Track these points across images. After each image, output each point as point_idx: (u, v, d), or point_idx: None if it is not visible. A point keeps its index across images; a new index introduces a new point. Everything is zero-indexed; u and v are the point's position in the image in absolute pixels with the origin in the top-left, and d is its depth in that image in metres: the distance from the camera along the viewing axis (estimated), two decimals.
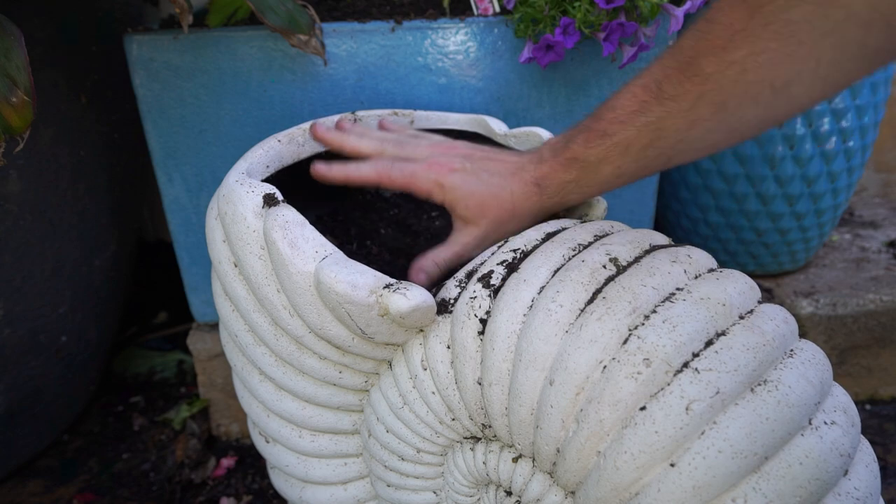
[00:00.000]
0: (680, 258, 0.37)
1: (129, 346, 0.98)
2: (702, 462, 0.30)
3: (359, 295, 0.36)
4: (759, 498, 0.30)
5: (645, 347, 0.32)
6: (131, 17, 0.87)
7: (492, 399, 0.37)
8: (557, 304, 0.35)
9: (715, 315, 0.33)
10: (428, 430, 0.43)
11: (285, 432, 0.49)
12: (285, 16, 0.56)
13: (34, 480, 0.74)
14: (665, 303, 0.34)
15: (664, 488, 0.30)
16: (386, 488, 0.49)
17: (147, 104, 0.65)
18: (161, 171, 0.68)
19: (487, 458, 0.41)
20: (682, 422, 0.30)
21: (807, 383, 0.32)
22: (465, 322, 0.38)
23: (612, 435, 0.32)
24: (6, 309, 0.63)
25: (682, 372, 0.31)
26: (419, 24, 0.63)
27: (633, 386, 0.31)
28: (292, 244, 0.38)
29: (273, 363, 0.45)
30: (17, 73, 0.44)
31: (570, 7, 0.58)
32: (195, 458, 0.76)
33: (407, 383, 0.42)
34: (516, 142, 0.58)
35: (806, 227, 0.86)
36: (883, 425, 0.84)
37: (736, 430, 0.30)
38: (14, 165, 0.61)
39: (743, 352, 0.32)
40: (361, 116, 0.56)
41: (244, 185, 0.42)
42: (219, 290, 0.47)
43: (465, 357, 0.38)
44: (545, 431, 0.34)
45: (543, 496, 0.38)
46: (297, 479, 0.52)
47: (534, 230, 0.42)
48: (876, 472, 0.34)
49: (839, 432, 0.32)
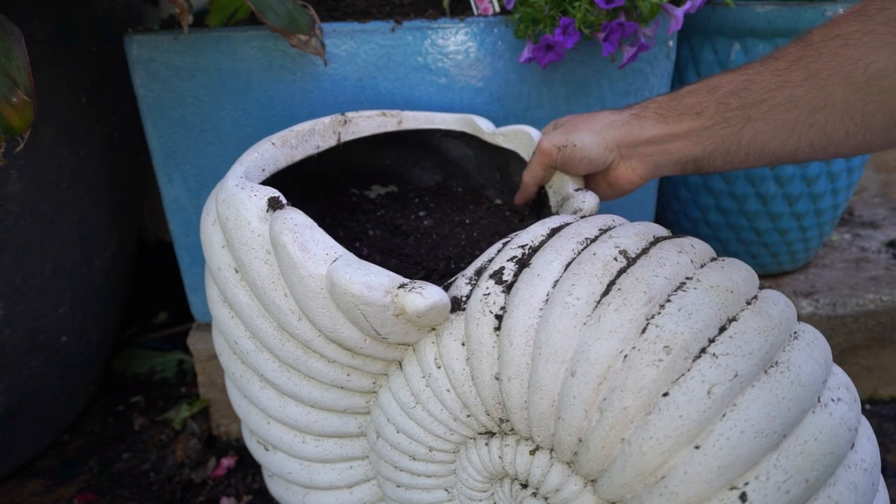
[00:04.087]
0: (685, 248, 0.38)
1: (129, 346, 0.98)
2: (726, 443, 0.31)
3: (375, 295, 0.36)
4: (780, 474, 0.31)
5: (664, 335, 0.32)
6: (131, 17, 0.87)
7: (511, 393, 0.37)
8: (574, 297, 0.35)
9: (725, 302, 0.34)
10: (441, 428, 0.43)
11: (287, 439, 0.49)
12: (285, 16, 0.56)
13: (34, 480, 0.74)
14: (678, 292, 0.35)
15: (690, 470, 0.31)
16: (395, 489, 0.48)
17: (147, 104, 0.65)
18: (161, 171, 0.68)
19: (503, 453, 0.41)
20: (704, 405, 0.31)
21: (814, 363, 0.33)
22: (480, 319, 0.38)
23: (637, 422, 0.32)
24: (6, 309, 0.63)
25: (701, 357, 0.32)
26: (419, 24, 0.63)
27: (655, 373, 0.32)
28: (303, 247, 0.38)
29: (277, 369, 0.45)
30: (17, 73, 0.44)
31: (570, 7, 0.58)
32: (195, 458, 0.77)
33: (419, 382, 0.42)
34: (504, 140, 0.58)
35: (806, 227, 0.86)
36: (883, 425, 0.84)
37: (755, 410, 0.31)
38: (14, 165, 0.61)
39: (755, 336, 0.33)
40: (351, 118, 0.56)
41: (245, 189, 0.41)
42: (216, 298, 0.47)
43: (482, 353, 0.38)
44: (567, 422, 0.35)
45: (562, 486, 0.39)
46: (300, 485, 0.51)
47: (538, 226, 0.42)
48: (876, 444, 0.35)
49: (845, 408, 0.33)
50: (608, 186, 0.52)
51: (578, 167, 0.50)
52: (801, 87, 0.38)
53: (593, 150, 0.49)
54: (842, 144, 0.39)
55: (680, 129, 0.45)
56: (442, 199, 0.63)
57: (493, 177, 0.63)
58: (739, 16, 0.74)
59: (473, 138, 0.61)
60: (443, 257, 0.53)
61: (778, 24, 0.73)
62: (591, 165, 0.50)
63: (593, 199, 0.49)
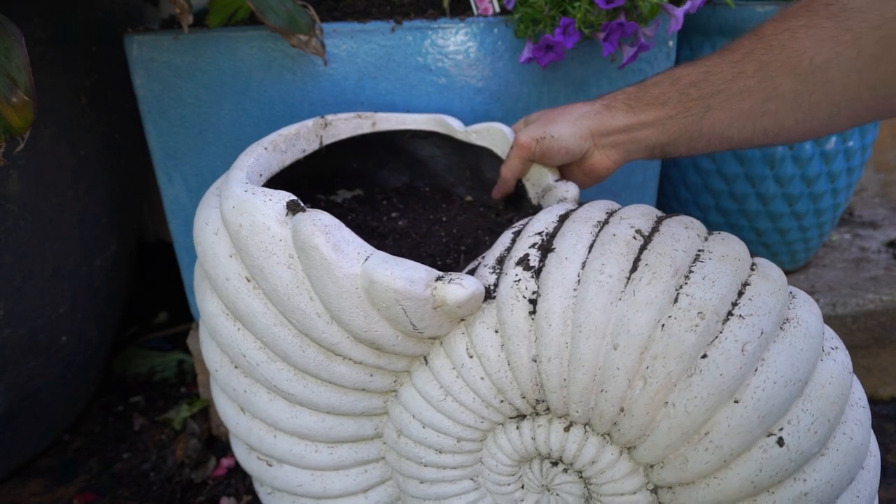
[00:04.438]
0: (688, 224, 0.41)
1: (129, 346, 0.98)
2: (762, 394, 0.34)
3: (416, 290, 0.37)
4: (808, 417, 0.35)
5: (695, 303, 0.35)
6: (131, 17, 0.87)
7: (550, 373, 0.39)
8: (606, 275, 0.37)
9: (737, 269, 0.37)
10: (472, 417, 0.43)
11: (298, 450, 0.47)
12: (285, 16, 0.56)
13: (34, 480, 0.74)
14: (696, 263, 0.37)
15: (733, 422, 0.34)
16: (419, 486, 0.48)
17: (147, 104, 0.65)
18: (161, 171, 0.68)
19: (536, 433, 0.43)
20: (740, 362, 0.34)
21: (815, 317, 0.37)
22: (515, 304, 0.39)
23: (680, 384, 0.35)
24: (6, 309, 0.64)
25: (729, 320, 0.35)
26: (419, 24, 0.63)
27: (693, 338, 0.35)
28: (336, 247, 0.37)
29: (292, 378, 0.44)
30: (17, 73, 0.44)
31: (570, 7, 0.58)
32: (195, 458, 0.77)
33: (449, 374, 0.42)
34: (477, 137, 0.59)
35: (805, 227, 0.86)
36: (882, 425, 0.84)
37: (781, 362, 0.35)
38: (14, 165, 0.61)
39: (769, 296, 0.36)
40: (331, 120, 0.57)
41: (258, 194, 0.40)
42: (216, 311, 0.45)
43: (518, 338, 0.39)
44: (610, 393, 0.37)
45: (598, 457, 0.41)
46: (311, 497, 0.50)
47: (545, 213, 0.44)
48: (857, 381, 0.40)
49: (843, 354, 0.38)
50: (584, 175, 0.55)
51: (556, 158, 0.52)
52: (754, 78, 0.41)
53: (570, 141, 0.51)
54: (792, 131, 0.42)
55: (647, 118, 0.49)
56: (411, 200, 0.63)
57: (462, 175, 0.64)
58: (739, 16, 0.75)
59: (442, 138, 0.61)
60: (427, 255, 0.53)
61: None
62: (568, 155, 0.52)
63: (574, 187, 0.52)
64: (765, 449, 0.35)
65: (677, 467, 0.37)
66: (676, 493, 0.38)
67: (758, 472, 0.35)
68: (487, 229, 0.56)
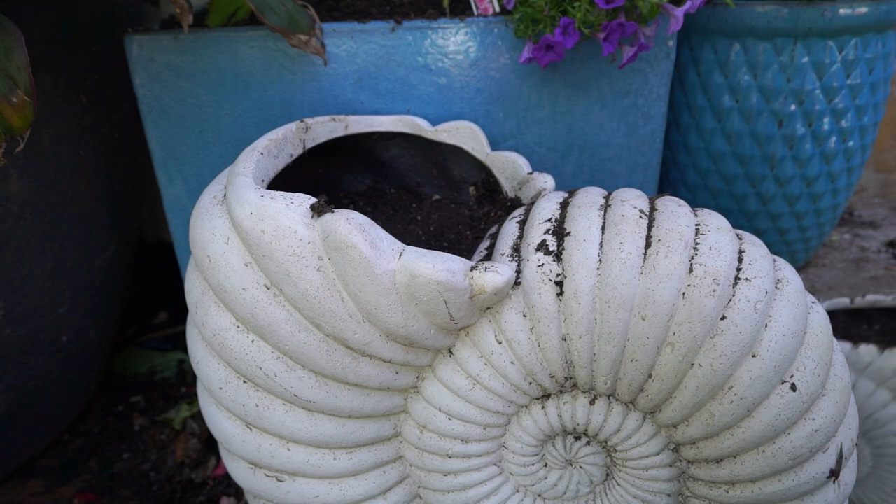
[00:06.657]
0: (679, 202, 0.44)
1: (129, 346, 0.98)
2: (775, 346, 0.39)
3: (457, 280, 0.38)
4: (811, 363, 0.39)
5: (709, 271, 0.39)
6: (131, 17, 0.87)
7: (581, 349, 0.41)
8: (626, 252, 0.40)
9: (732, 238, 0.41)
10: (501, 403, 0.44)
11: (315, 459, 0.46)
12: (285, 16, 0.56)
13: (34, 480, 0.74)
14: (699, 235, 0.41)
15: (754, 374, 0.39)
16: (443, 479, 0.48)
17: (147, 104, 0.65)
18: (161, 171, 0.68)
19: (562, 410, 0.45)
20: (755, 319, 0.38)
21: (797, 276, 0.42)
22: (542, 288, 0.41)
23: (705, 346, 0.39)
24: (6, 309, 0.64)
25: (738, 283, 0.39)
26: (419, 24, 0.63)
27: (713, 302, 0.38)
28: (373, 244, 0.38)
29: (314, 384, 0.43)
30: (17, 73, 0.44)
31: (570, 7, 0.58)
32: (195, 458, 0.77)
33: (477, 363, 0.43)
34: (447, 136, 0.59)
35: (805, 227, 0.86)
36: None
37: (785, 316, 0.39)
38: (14, 165, 0.61)
39: (763, 260, 0.41)
40: (310, 124, 0.56)
41: (277, 198, 0.39)
42: (225, 325, 0.42)
43: (549, 319, 0.41)
44: (640, 362, 0.41)
45: (623, 425, 0.44)
46: None
47: (545, 201, 0.46)
48: None
49: (822, 307, 0.43)
50: None
51: None
52: None
53: None
54: None
55: None
56: (379, 202, 0.62)
57: (429, 174, 0.64)
58: (739, 16, 0.75)
59: (408, 138, 0.61)
60: None
61: (778, 25, 0.74)
62: None
63: (551, 178, 0.54)
64: (781, 395, 0.39)
65: (704, 423, 0.41)
66: (701, 448, 0.42)
67: (777, 417, 0.39)
68: (466, 224, 0.57)
